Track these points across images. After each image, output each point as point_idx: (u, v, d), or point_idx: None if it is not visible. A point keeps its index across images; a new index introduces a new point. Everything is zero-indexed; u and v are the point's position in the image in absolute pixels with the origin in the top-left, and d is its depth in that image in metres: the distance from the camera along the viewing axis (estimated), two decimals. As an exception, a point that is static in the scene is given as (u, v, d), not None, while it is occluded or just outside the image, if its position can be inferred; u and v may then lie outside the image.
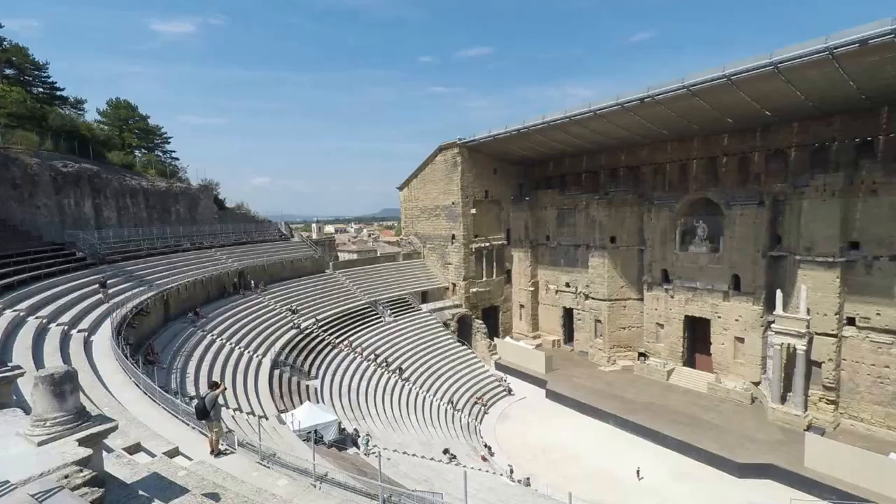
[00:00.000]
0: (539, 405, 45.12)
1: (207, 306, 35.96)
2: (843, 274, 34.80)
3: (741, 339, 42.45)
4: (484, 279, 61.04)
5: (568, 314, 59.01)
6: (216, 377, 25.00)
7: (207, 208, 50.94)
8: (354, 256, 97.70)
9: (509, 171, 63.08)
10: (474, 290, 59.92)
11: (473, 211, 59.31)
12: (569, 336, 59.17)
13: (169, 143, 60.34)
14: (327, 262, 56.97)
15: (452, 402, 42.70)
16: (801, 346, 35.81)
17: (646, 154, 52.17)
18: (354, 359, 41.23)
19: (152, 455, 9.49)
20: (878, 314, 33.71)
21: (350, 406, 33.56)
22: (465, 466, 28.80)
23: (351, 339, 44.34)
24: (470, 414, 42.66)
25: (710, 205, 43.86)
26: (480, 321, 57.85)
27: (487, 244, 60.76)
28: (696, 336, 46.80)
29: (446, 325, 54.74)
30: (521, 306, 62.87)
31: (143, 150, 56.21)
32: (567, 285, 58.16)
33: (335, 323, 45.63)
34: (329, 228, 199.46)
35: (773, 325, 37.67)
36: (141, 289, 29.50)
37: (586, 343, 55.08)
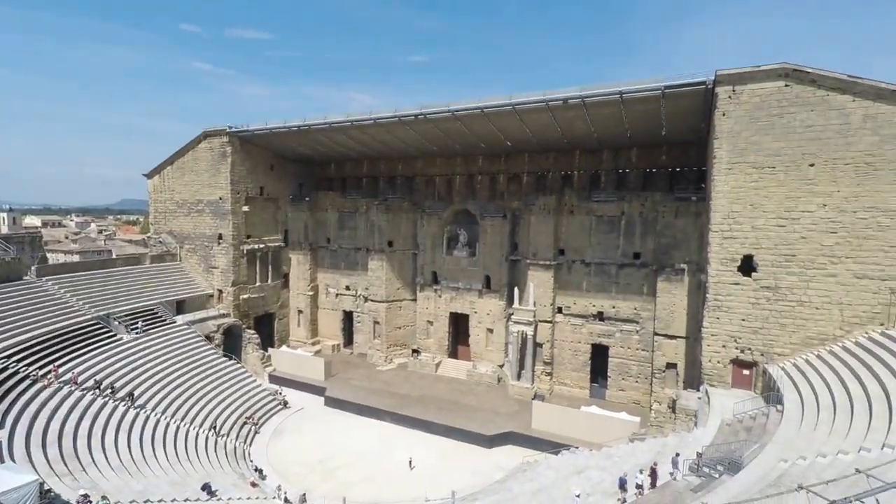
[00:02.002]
0: (318, 414, 45.45)
1: None
2: (555, 274, 46.96)
3: (491, 330, 52.18)
4: (258, 284, 57.66)
5: (348, 317, 61.06)
6: None
7: None
8: (76, 258, 78.05)
9: (289, 169, 61.37)
10: (246, 296, 56.00)
11: (246, 208, 55.48)
12: (349, 339, 61.25)
13: None
14: (27, 265, 44.27)
15: (216, 428, 38.91)
16: (530, 331, 46.52)
17: (420, 166, 58.65)
18: (71, 392, 33.29)
19: None
20: (574, 303, 46.85)
21: (62, 457, 26.79)
22: (228, 500, 26.99)
23: (66, 366, 35.66)
24: (238, 437, 39.77)
25: (469, 215, 52.52)
26: (252, 331, 54.44)
27: (262, 246, 57.66)
28: (459, 330, 55.16)
29: (209, 338, 49.57)
30: (300, 312, 61.88)
31: None
32: (348, 288, 60.17)
33: (39, 349, 35.92)
34: (32, 220, 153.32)
35: (512, 317, 47.78)
36: None
37: (366, 345, 58.16)
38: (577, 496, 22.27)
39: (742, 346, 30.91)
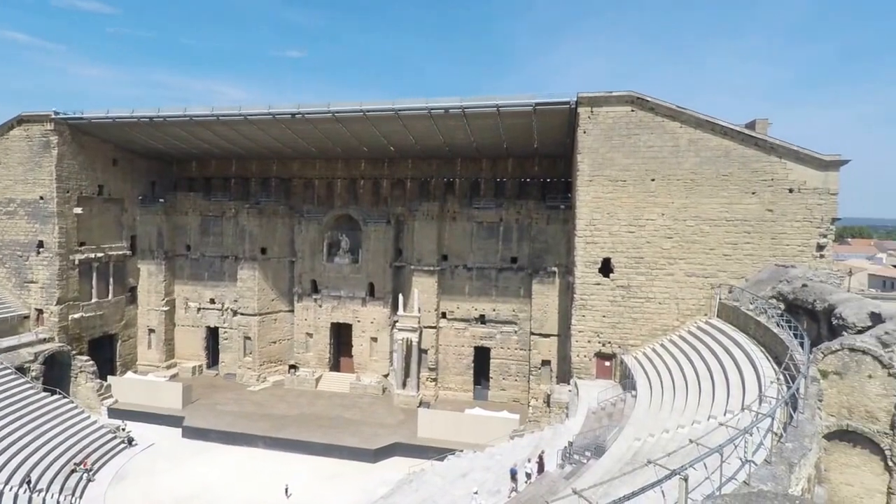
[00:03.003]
0: (174, 449, 40.11)
1: None
2: (439, 279, 48.53)
3: (375, 339, 51.85)
4: (94, 301, 49.66)
5: (213, 334, 55.68)
6: None
7: None
8: None
9: (138, 166, 54.19)
10: (77, 316, 47.78)
11: (79, 210, 47.53)
12: (214, 359, 55.85)
13: None
14: None
15: (30, 482, 32.02)
16: (415, 338, 47.27)
17: (297, 168, 56.17)
18: None
19: None
20: (458, 307, 48.92)
21: None
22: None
23: None
24: (63, 490, 33.07)
25: (352, 221, 51.76)
26: (86, 357, 46.51)
27: (101, 255, 49.89)
28: (341, 341, 53.79)
29: (23, 370, 41.29)
30: (151, 331, 54.73)
31: None
32: (212, 301, 54.93)
33: None
34: None
35: (397, 324, 48.09)
36: None
37: (234, 364, 53.56)
38: (476, 493, 23.42)
39: (603, 340, 35.24)
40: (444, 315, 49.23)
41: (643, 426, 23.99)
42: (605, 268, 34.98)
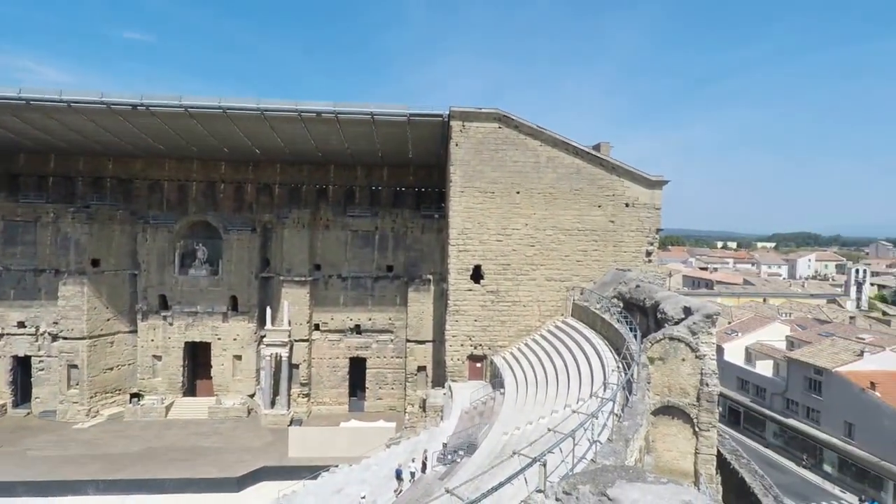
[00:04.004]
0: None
1: None
2: (312, 290, 47.11)
3: (239, 357, 48.20)
4: None
5: (24, 365, 46.49)
6: None
7: None
8: None
9: None
10: None
11: None
12: (24, 395, 46.65)
13: None
14: None
15: None
16: (285, 353, 45.12)
17: (141, 167, 49.88)
18: None
19: None
20: (332, 318, 47.97)
21: None
22: None
23: None
24: None
25: (210, 228, 47.61)
26: None
27: None
28: (198, 362, 48.92)
29: None
30: (-69, 366, 43.75)
31: None
32: (22, 325, 45.91)
33: None
34: None
35: (264, 339, 45.42)
36: None
37: (55, 399, 45.35)
38: (363, 497, 23.38)
39: (475, 343, 37.64)
40: (317, 327, 47.86)
41: (510, 420, 26.28)
42: (477, 274, 37.50)
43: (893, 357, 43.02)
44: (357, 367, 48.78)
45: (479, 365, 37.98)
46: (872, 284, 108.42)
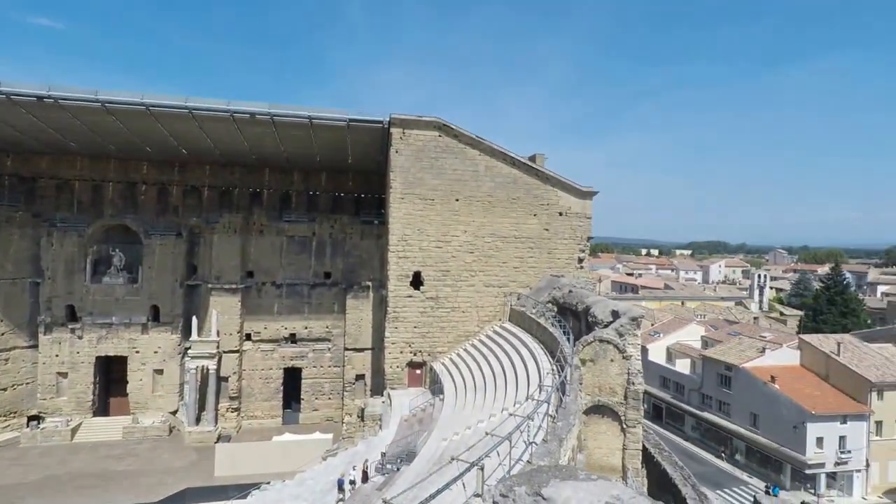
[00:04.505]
0: None
1: None
2: (244, 298, 44.98)
3: (160, 371, 44.90)
4: None
5: None
6: None
7: None
8: None
9: None
10: None
11: None
12: None
13: None
14: None
15: None
16: (212, 365, 42.64)
17: (47, 165, 45.31)
18: None
19: None
20: (265, 328, 46.01)
21: None
22: None
23: None
24: None
25: (129, 232, 44.17)
26: None
27: None
28: (112, 378, 45.03)
29: None
30: None
31: None
32: None
33: None
34: None
35: (189, 351, 42.66)
36: None
37: (-63, 424, 39.91)
38: None
39: (415, 350, 37.59)
40: (248, 337, 45.72)
41: (449, 426, 26.48)
42: (417, 281, 37.55)
43: (789, 353, 48.08)
44: (292, 378, 47.05)
45: (418, 372, 37.94)
46: (772, 288, 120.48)
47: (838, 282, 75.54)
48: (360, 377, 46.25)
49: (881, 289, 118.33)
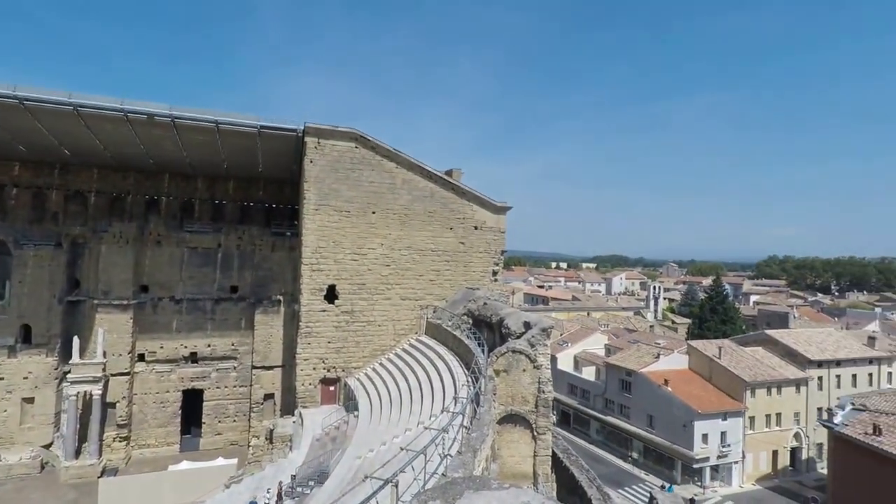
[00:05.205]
0: None
1: None
2: (136, 315, 40.81)
3: (31, 400, 39.17)
4: None
5: None
6: None
7: None
8: None
9: None
10: None
11: None
12: None
13: None
14: None
15: None
16: (97, 390, 38.02)
17: None
18: None
19: None
20: (161, 347, 42.01)
21: None
22: None
23: None
24: None
25: (-7, 241, 38.40)
26: None
27: None
28: (-34, 410, 38.47)
29: None
30: None
31: None
32: None
33: None
34: None
35: (68, 375, 37.74)
36: None
37: None
38: None
39: (328, 366, 36.36)
40: (142, 357, 41.51)
41: (364, 443, 25.86)
42: (331, 294, 36.49)
43: (679, 358, 53.05)
44: (192, 401, 43.29)
45: (332, 388, 36.70)
46: (665, 298, 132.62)
47: (719, 293, 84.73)
48: (269, 396, 43.70)
49: (753, 298, 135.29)
